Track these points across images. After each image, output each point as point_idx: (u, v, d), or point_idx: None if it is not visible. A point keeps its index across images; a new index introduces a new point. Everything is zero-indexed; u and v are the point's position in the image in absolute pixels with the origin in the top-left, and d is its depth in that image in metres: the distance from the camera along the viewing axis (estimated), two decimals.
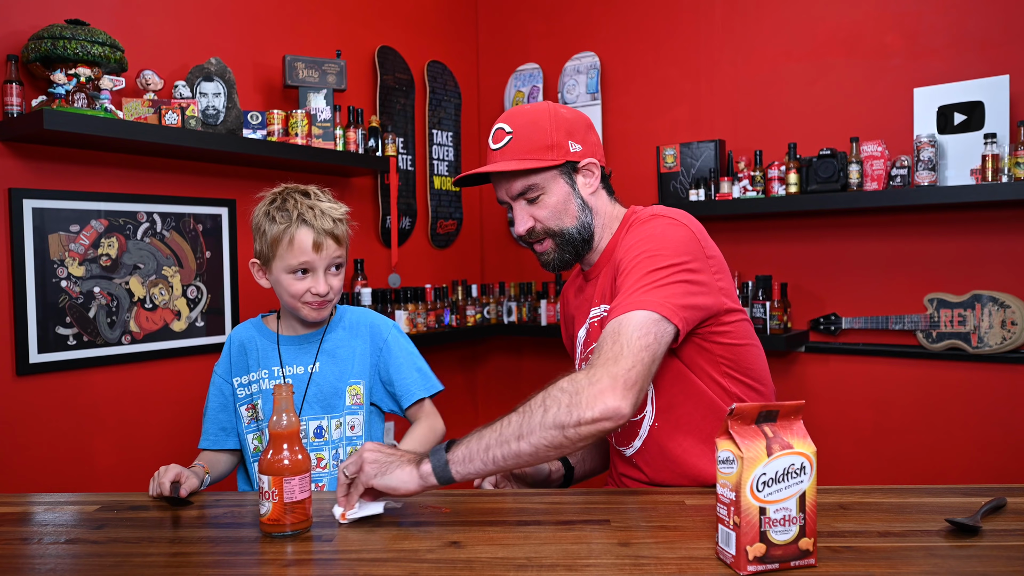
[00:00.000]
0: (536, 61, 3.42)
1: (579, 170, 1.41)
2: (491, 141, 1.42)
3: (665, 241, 1.28)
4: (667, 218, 1.34)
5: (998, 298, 2.39)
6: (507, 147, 1.38)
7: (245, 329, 1.59)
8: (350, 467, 1.15)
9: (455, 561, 0.98)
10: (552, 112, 1.40)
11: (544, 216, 1.40)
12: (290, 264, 1.43)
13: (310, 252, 1.42)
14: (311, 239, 1.42)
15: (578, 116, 1.43)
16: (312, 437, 1.50)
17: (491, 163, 1.41)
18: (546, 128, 1.38)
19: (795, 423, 0.96)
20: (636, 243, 1.30)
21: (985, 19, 2.43)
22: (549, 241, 1.42)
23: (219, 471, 1.53)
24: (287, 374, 1.52)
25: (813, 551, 0.94)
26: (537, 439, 1.10)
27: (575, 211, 1.40)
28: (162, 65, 2.30)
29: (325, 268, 1.45)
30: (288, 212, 1.43)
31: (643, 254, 1.27)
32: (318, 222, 1.43)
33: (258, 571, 0.98)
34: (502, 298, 3.34)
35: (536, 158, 1.37)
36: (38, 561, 1.03)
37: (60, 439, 2.10)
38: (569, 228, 1.41)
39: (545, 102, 1.43)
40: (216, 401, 1.57)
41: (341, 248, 1.47)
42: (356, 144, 2.72)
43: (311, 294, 1.44)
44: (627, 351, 1.13)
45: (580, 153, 1.40)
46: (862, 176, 2.48)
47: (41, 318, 2.04)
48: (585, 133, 1.42)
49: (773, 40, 2.82)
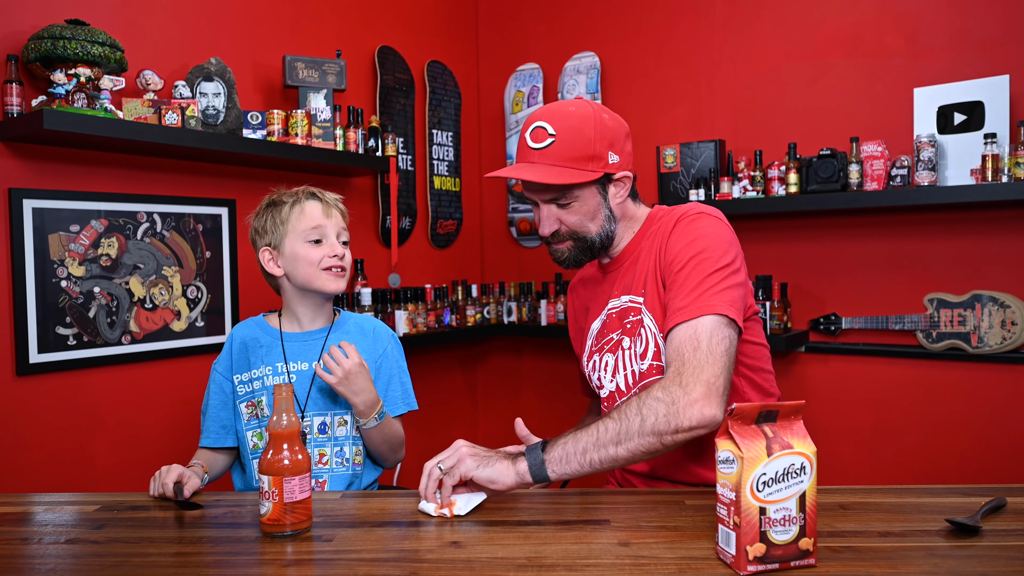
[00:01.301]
0: (536, 61, 3.42)
1: (613, 181, 1.40)
2: (529, 138, 1.38)
3: (718, 241, 1.31)
4: (714, 217, 1.36)
5: (998, 298, 2.39)
6: (548, 150, 1.35)
7: (247, 327, 1.61)
8: (448, 460, 1.17)
9: (455, 561, 0.98)
10: (597, 119, 1.36)
11: (572, 222, 1.40)
12: (304, 231, 1.50)
13: (321, 217, 1.52)
14: (320, 207, 1.53)
15: (619, 124, 1.40)
16: (316, 433, 1.52)
17: (527, 162, 1.37)
18: (590, 137, 1.35)
19: (795, 423, 0.96)
20: (690, 243, 1.32)
21: (985, 19, 2.43)
22: (569, 242, 1.43)
23: (217, 470, 1.54)
24: (292, 370, 1.54)
25: (813, 551, 0.94)
26: (635, 445, 1.16)
27: (602, 220, 1.41)
28: (162, 65, 2.30)
29: (336, 235, 1.53)
30: (292, 192, 1.55)
31: (700, 254, 1.30)
32: (324, 196, 1.55)
33: (258, 571, 0.98)
34: (502, 298, 3.34)
35: (577, 167, 1.35)
36: (38, 561, 1.03)
37: (60, 439, 2.10)
38: (592, 235, 1.42)
39: (589, 104, 1.39)
40: (216, 399, 1.58)
41: (346, 222, 1.57)
42: (356, 144, 2.72)
43: (328, 258, 1.50)
44: (711, 358, 1.19)
45: (617, 165, 1.38)
46: (862, 176, 2.48)
47: (41, 318, 2.04)
48: (624, 143, 1.40)
49: (773, 40, 2.82)
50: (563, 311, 3.12)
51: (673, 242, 1.35)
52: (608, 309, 1.47)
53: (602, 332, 1.49)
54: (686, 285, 1.28)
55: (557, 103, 1.40)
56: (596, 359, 1.50)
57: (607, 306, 1.48)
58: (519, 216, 3.49)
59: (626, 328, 1.43)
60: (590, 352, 1.52)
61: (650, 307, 1.38)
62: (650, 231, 1.44)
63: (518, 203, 3.49)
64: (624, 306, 1.44)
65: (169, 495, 1.26)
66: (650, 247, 1.41)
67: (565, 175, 1.34)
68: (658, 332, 1.36)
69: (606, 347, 1.48)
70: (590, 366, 1.52)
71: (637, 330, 1.40)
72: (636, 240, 1.46)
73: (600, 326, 1.50)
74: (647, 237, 1.44)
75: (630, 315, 1.42)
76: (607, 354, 1.47)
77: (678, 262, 1.31)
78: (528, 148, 1.37)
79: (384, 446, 1.53)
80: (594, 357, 1.51)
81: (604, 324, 1.48)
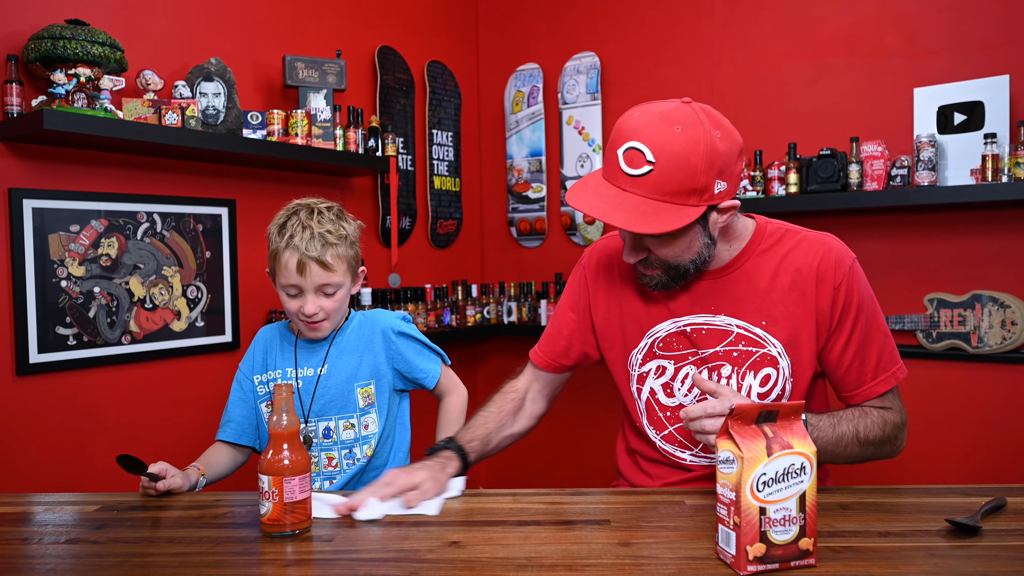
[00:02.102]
0: (536, 61, 3.42)
1: (717, 208, 1.24)
2: (623, 160, 1.19)
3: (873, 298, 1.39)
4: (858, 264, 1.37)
5: (998, 298, 2.39)
6: (644, 179, 1.18)
7: (271, 330, 1.65)
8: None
9: (455, 561, 0.98)
10: (708, 145, 1.17)
11: (663, 254, 1.28)
12: (280, 282, 1.48)
13: (295, 275, 1.44)
14: (295, 261, 1.43)
15: (733, 144, 1.21)
16: (321, 438, 1.55)
17: (618, 187, 1.21)
18: (698, 169, 1.17)
19: (795, 423, 0.96)
20: (867, 298, 1.35)
21: (985, 19, 2.43)
22: (659, 270, 1.31)
23: (220, 471, 1.54)
24: (300, 375, 1.57)
25: (813, 551, 0.94)
26: (872, 451, 1.34)
27: (698, 249, 1.27)
28: (162, 65, 2.30)
29: (314, 290, 1.46)
30: (285, 230, 1.45)
31: (876, 314, 1.36)
32: (305, 246, 1.42)
33: (258, 571, 0.98)
34: (502, 298, 3.34)
35: (676, 202, 1.18)
36: (38, 561, 1.03)
37: (60, 439, 2.10)
38: (686, 263, 1.29)
39: (699, 121, 1.18)
40: (236, 396, 1.61)
41: (330, 273, 1.45)
42: (356, 144, 2.72)
43: (302, 313, 1.47)
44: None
45: (724, 193, 1.22)
46: (862, 176, 2.48)
47: (41, 318, 2.04)
48: (735, 164, 1.23)
49: (773, 40, 2.82)
50: None
51: (853, 292, 1.32)
52: (685, 323, 1.37)
53: (678, 340, 1.39)
54: (874, 342, 1.34)
55: (659, 116, 1.19)
56: (666, 366, 1.40)
57: (681, 319, 1.37)
58: (519, 216, 3.49)
59: (732, 357, 1.35)
60: (649, 353, 1.41)
61: (789, 348, 1.33)
62: (763, 250, 1.35)
63: (518, 203, 3.49)
64: (726, 328, 1.35)
65: (147, 485, 1.30)
66: (770, 270, 1.33)
67: (666, 219, 1.18)
68: (790, 376, 1.34)
69: (690, 358, 1.38)
70: (651, 368, 1.42)
71: (759, 368, 1.34)
72: (741, 257, 1.35)
73: (677, 331, 1.39)
74: (759, 256, 1.35)
75: (741, 344, 1.34)
76: (689, 367, 1.39)
77: (861, 314, 1.33)
78: (620, 171, 1.20)
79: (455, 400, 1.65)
80: (660, 362, 1.41)
81: (682, 334, 1.38)
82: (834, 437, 1.28)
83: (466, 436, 1.42)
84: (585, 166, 3.28)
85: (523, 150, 3.46)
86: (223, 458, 1.56)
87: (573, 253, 3.34)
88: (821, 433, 1.27)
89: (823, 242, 1.35)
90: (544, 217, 3.42)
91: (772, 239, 1.36)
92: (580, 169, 3.30)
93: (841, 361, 1.34)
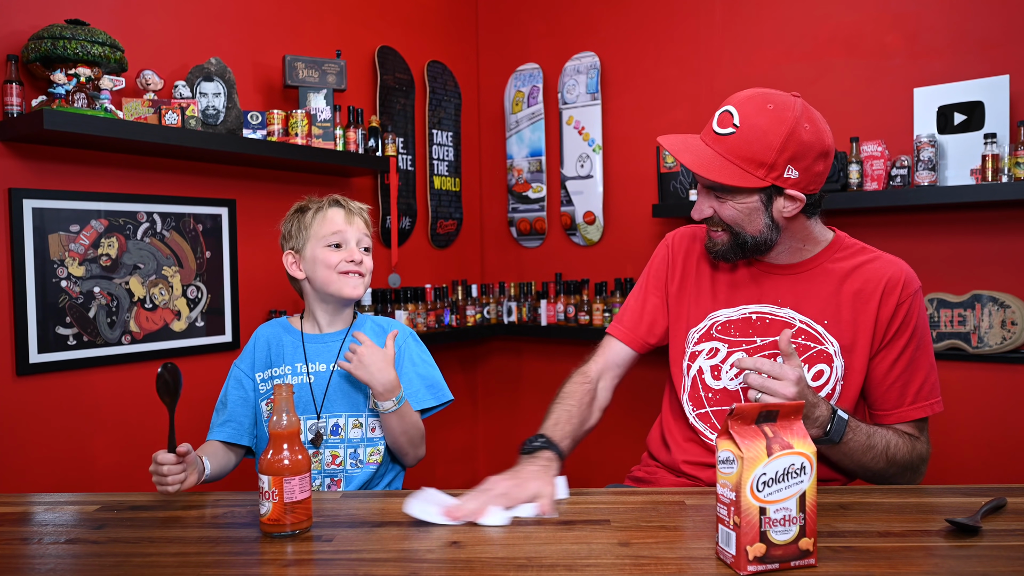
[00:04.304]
0: (536, 61, 3.42)
1: (783, 194, 1.32)
2: (716, 120, 1.32)
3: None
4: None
5: (998, 298, 2.39)
6: (726, 139, 1.29)
7: (271, 327, 1.65)
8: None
9: (455, 561, 0.98)
10: (792, 129, 1.27)
11: (725, 215, 1.35)
12: (324, 235, 1.54)
13: (342, 223, 1.56)
14: (342, 213, 1.57)
15: (817, 141, 1.30)
16: (328, 434, 1.54)
17: (704, 142, 1.33)
18: (772, 145, 1.27)
19: (795, 423, 0.96)
20: (924, 325, 1.41)
21: (985, 19, 2.43)
22: (726, 234, 1.38)
23: (218, 471, 1.53)
24: (311, 371, 1.56)
25: (813, 551, 0.94)
26: (894, 472, 1.36)
27: (760, 226, 1.35)
28: (162, 65, 2.30)
29: (356, 242, 1.56)
30: (319, 200, 1.60)
31: (928, 344, 1.42)
32: (347, 204, 1.60)
33: (258, 571, 0.98)
34: (502, 298, 3.34)
35: (745, 169, 1.29)
36: (38, 561, 1.03)
37: (60, 439, 2.10)
38: (748, 236, 1.36)
39: (793, 109, 1.28)
40: (237, 395, 1.58)
41: (368, 231, 1.60)
42: (356, 144, 2.72)
43: (346, 262, 1.53)
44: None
45: (794, 181, 1.30)
46: (862, 176, 2.48)
47: (41, 318, 2.04)
48: (813, 161, 1.30)
49: (773, 40, 2.82)
50: (564, 310, 3.12)
51: (912, 313, 1.38)
52: (762, 312, 1.43)
53: (738, 327, 1.44)
54: (922, 367, 1.41)
55: (761, 93, 1.31)
56: (719, 348, 1.45)
57: (755, 308, 1.43)
58: (519, 216, 3.49)
59: None
60: (707, 334, 1.47)
61: (845, 350, 1.38)
62: (837, 259, 1.42)
63: (518, 203, 3.49)
64: (789, 320, 1.40)
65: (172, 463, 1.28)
66: (841, 276, 1.39)
67: (726, 173, 1.29)
68: (842, 379, 1.38)
69: (744, 345, 1.43)
70: (704, 349, 1.47)
71: (814, 363, 1.38)
72: (815, 260, 1.42)
73: (739, 318, 1.44)
74: (832, 263, 1.42)
75: (800, 337, 1.39)
76: (740, 354, 1.43)
77: (915, 339, 1.38)
78: (710, 128, 1.32)
79: (403, 437, 1.51)
80: (715, 344, 1.46)
81: (745, 321, 1.44)
82: (867, 444, 1.32)
83: (557, 433, 1.39)
84: (585, 166, 3.28)
85: (523, 150, 3.46)
86: (219, 459, 1.54)
87: (573, 253, 3.34)
88: (857, 435, 1.31)
89: (896, 262, 1.42)
90: (544, 217, 3.42)
91: (848, 251, 1.43)
92: (580, 169, 3.29)
93: (887, 377, 1.39)
